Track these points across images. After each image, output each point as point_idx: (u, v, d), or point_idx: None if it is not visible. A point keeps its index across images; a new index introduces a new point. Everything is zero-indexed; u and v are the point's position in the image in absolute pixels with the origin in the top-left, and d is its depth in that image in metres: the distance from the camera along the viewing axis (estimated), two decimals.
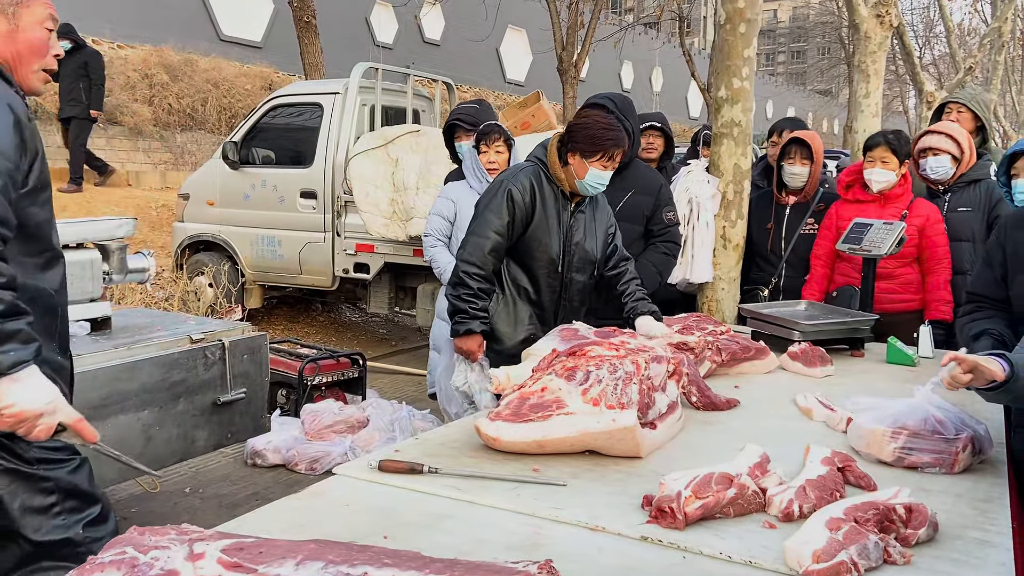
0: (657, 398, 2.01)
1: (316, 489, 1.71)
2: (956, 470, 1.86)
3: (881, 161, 3.54)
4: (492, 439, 1.87)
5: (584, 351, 2.09)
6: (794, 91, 45.53)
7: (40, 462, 1.83)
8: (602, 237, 3.06)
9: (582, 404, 1.87)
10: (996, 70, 16.61)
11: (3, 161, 1.67)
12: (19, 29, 1.81)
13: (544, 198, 2.90)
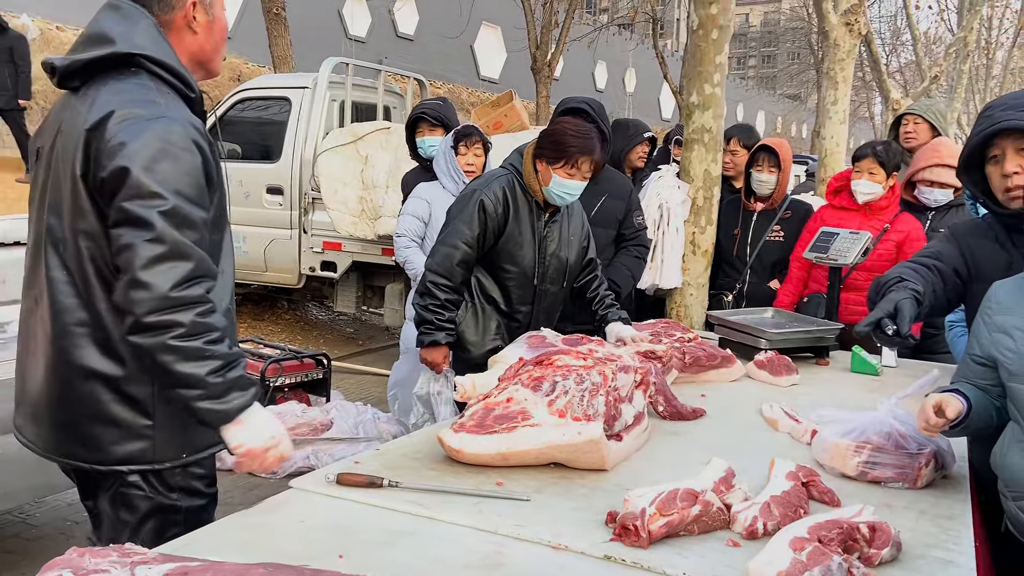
0: (624, 409, 1.98)
1: (271, 504, 1.66)
2: (919, 485, 1.86)
3: (868, 172, 3.55)
4: (455, 451, 1.83)
5: (551, 360, 2.06)
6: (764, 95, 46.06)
7: (180, 490, 1.81)
8: (577, 247, 3.01)
9: (548, 415, 1.84)
10: (961, 79, 16.91)
11: (196, 211, 1.62)
12: (216, 19, 1.80)
13: (517, 208, 2.84)
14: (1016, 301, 1.81)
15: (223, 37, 1.84)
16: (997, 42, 23.75)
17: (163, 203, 1.57)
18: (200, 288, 1.60)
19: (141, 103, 1.62)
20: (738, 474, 1.79)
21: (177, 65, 1.71)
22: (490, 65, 26.86)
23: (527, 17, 12.39)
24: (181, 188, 1.60)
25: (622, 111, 29.49)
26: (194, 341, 1.57)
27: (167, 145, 1.60)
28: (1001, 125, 1.99)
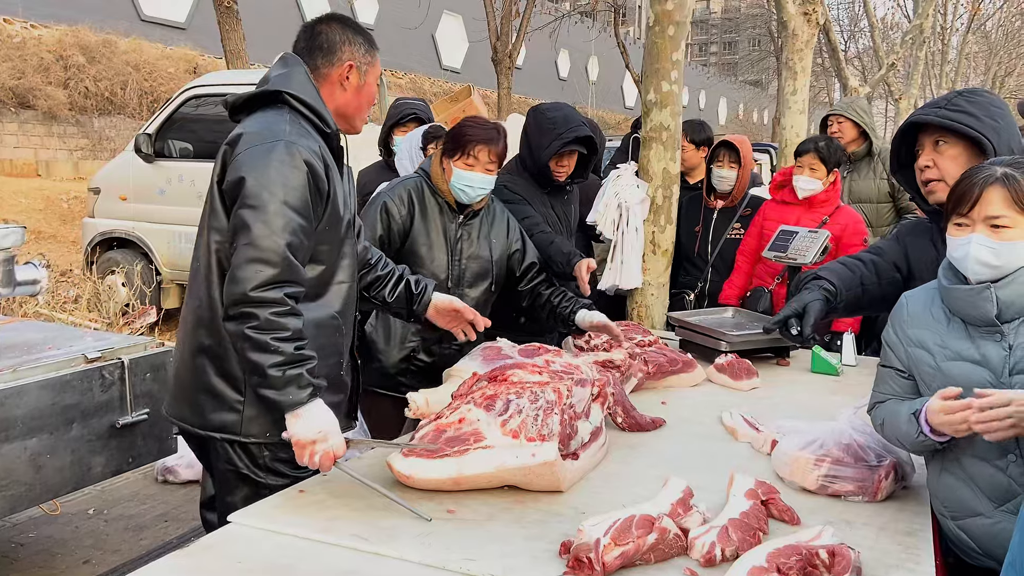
0: (580, 427, 1.93)
1: (207, 542, 1.58)
2: (879, 498, 1.83)
3: (810, 168, 3.56)
4: (405, 477, 1.77)
5: (506, 375, 2.02)
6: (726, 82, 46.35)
7: (269, 472, 2.00)
8: (500, 250, 2.92)
9: (501, 436, 1.78)
10: (917, 65, 17.14)
11: (296, 218, 1.86)
12: (366, 85, 2.09)
13: (426, 210, 2.80)
14: (927, 314, 1.77)
15: (368, 103, 2.13)
16: (952, 28, 24.11)
17: (264, 213, 1.82)
18: (279, 292, 1.82)
19: (270, 128, 1.91)
20: (697, 491, 1.75)
21: (316, 104, 2.00)
22: (452, 55, 26.63)
23: (487, 8, 12.25)
24: (286, 200, 1.84)
25: (585, 100, 29.47)
26: (264, 335, 1.79)
27: (279, 163, 1.86)
28: (913, 118, 2.03)
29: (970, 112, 1.97)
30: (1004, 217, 1.61)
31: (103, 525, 3.45)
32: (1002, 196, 1.61)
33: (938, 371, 1.71)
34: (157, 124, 6.76)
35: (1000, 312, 1.64)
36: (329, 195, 1.97)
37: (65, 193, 11.40)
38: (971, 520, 1.71)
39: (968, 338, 1.68)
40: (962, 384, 1.64)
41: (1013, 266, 1.62)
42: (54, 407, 2.53)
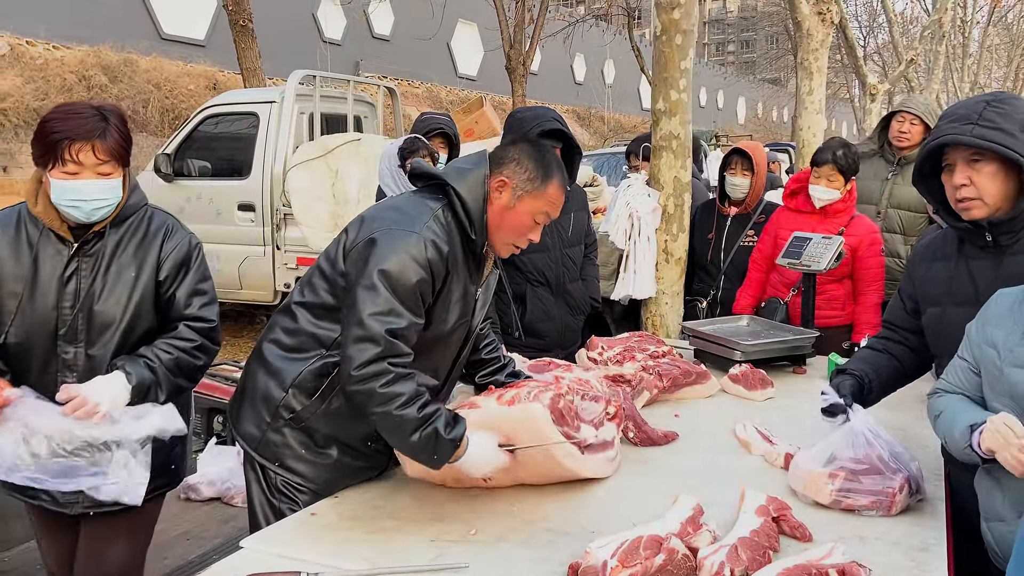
0: (583, 426, 2.01)
1: (218, 569, 1.59)
2: (893, 512, 1.81)
3: (827, 179, 3.49)
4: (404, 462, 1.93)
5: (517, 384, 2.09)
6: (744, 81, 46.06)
7: (280, 493, 2.01)
8: (139, 294, 2.10)
9: (496, 405, 1.94)
10: (937, 59, 16.95)
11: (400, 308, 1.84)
12: (515, 210, 1.99)
13: (18, 246, 2.06)
14: (1009, 314, 1.74)
15: (512, 230, 2.03)
16: (972, 20, 23.81)
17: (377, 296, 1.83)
18: (381, 364, 1.81)
19: (411, 217, 1.92)
20: (708, 508, 1.74)
21: (473, 207, 1.97)
22: (468, 63, 26.72)
23: (499, 16, 12.28)
24: (396, 288, 1.85)
25: (602, 103, 29.44)
26: (385, 408, 1.81)
27: (403, 255, 1.85)
28: (943, 140, 1.95)
29: (1003, 128, 1.89)
30: None
31: None
32: None
33: (1000, 373, 1.71)
34: (176, 144, 6.86)
35: None
36: (436, 301, 1.96)
37: None
38: (995, 524, 1.72)
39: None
40: (1016, 391, 1.65)
41: None
42: None
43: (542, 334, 3.38)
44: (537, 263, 3.34)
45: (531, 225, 2.03)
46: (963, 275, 1.73)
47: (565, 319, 3.42)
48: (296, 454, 1.99)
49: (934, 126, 2.13)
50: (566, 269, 3.40)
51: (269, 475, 2.02)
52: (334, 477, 2.01)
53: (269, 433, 2.00)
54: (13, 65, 13.99)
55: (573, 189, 3.52)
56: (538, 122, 3.22)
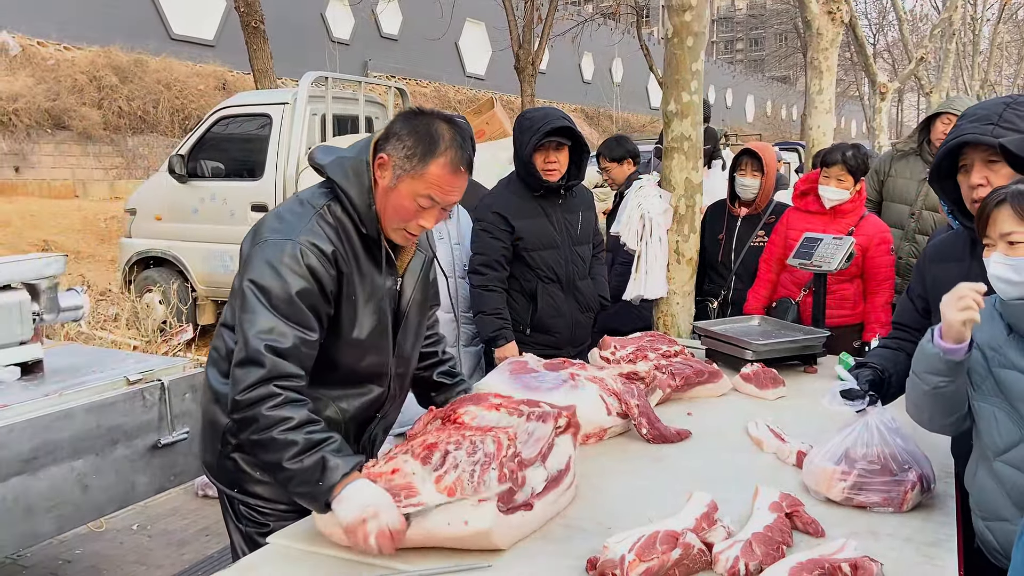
0: (530, 475, 1.75)
1: (249, 562, 1.64)
2: (905, 508, 1.84)
3: (837, 179, 3.52)
4: (328, 533, 1.66)
5: (458, 414, 1.87)
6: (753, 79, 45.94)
7: (246, 519, 1.99)
8: None
9: (435, 493, 1.61)
10: (948, 58, 16.89)
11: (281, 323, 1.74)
12: (395, 191, 1.83)
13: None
14: (989, 319, 1.80)
15: (395, 213, 1.85)
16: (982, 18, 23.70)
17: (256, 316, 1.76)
18: (268, 387, 1.71)
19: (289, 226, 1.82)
20: (722, 504, 1.77)
21: (357, 195, 1.83)
22: (476, 62, 26.77)
23: (508, 16, 12.32)
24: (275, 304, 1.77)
25: (610, 102, 29.44)
26: (267, 433, 1.70)
27: (279, 267, 1.76)
28: (965, 138, 1.98)
29: (1022, 130, 1.92)
30: (1016, 233, 1.65)
31: (147, 540, 3.56)
32: (1009, 214, 1.66)
33: (988, 374, 1.76)
34: (189, 145, 6.93)
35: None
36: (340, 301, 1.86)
37: (102, 213, 11.68)
38: (996, 523, 1.76)
39: (1023, 350, 1.71)
40: (1008, 391, 1.71)
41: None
42: (99, 428, 2.63)
43: (553, 330, 3.43)
44: (548, 260, 3.39)
45: (415, 209, 1.84)
46: (976, 277, 1.77)
47: (575, 316, 3.47)
48: (252, 477, 1.93)
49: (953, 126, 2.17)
50: (575, 266, 3.45)
51: (232, 502, 1.99)
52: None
53: (222, 460, 1.95)
54: (24, 66, 14.13)
55: (580, 189, 3.57)
56: (547, 120, 3.29)
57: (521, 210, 3.37)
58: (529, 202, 3.39)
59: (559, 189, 3.38)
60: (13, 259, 2.78)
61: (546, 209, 3.40)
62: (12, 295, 2.71)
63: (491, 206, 3.42)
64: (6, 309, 2.67)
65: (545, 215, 3.40)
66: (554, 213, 3.42)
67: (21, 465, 2.45)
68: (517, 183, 3.44)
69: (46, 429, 2.51)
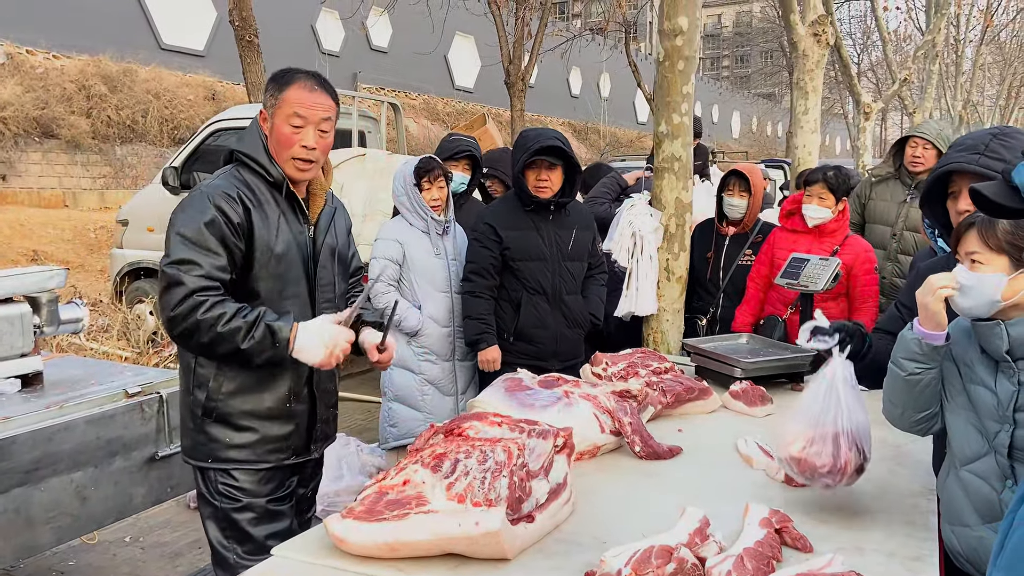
0: (535, 487, 1.82)
1: (253, 574, 1.68)
2: (843, 482, 1.91)
3: (819, 198, 3.63)
4: (339, 540, 1.67)
5: (463, 429, 1.93)
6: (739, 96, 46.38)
7: (221, 496, 2.22)
8: None
9: (446, 501, 1.67)
10: (931, 79, 17.16)
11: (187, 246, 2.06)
12: (275, 128, 2.20)
13: None
14: (965, 336, 1.90)
15: (280, 145, 2.19)
16: (965, 39, 24.10)
17: (168, 249, 2.07)
18: (192, 298, 2.01)
19: (201, 187, 2.17)
20: (713, 520, 1.82)
21: (258, 155, 2.20)
22: (465, 75, 26.92)
23: (499, 32, 12.43)
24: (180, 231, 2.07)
25: (598, 117, 29.63)
26: (211, 332, 2.01)
27: (185, 210, 2.11)
28: (951, 167, 2.08)
29: (1006, 159, 2.03)
30: (977, 254, 1.78)
31: (139, 552, 3.58)
32: (975, 236, 1.79)
33: (963, 389, 1.86)
34: (183, 157, 6.95)
35: (1012, 349, 1.75)
36: (252, 234, 2.14)
37: (92, 223, 11.64)
38: (960, 528, 1.85)
39: (993, 370, 1.81)
40: (977, 407, 1.81)
41: (984, 296, 1.75)
42: (98, 441, 2.66)
43: (536, 341, 3.50)
44: (534, 271, 3.48)
45: (291, 132, 2.17)
46: None
47: (561, 329, 3.54)
48: (224, 444, 2.19)
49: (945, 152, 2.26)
50: (563, 280, 3.52)
51: (209, 479, 2.22)
52: (265, 451, 2.22)
53: (196, 436, 2.21)
54: (13, 74, 14.09)
55: (577, 207, 3.65)
56: (538, 140, 3.43)
57: (511, 222, 3.48)
58: (520, 216, 3.50)
59: (549, 205, 3.48)
60: (15, 272, 2.82)
61: (537, 223, 3.51)
62: (14, 308, 2.74)
63: (485, 218, 3.57)
64: (8, 321, 2.71)
65: (535, 229, 3.50)
66: (545, 228, 3.51)
67: (22, 476, 2.47)
68: (512, 198, 3.56)
69: (47, 441, 2.54)
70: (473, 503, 1.67)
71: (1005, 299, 1.75)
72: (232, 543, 2.23)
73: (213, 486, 2.21)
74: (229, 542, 2.24)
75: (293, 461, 2.31)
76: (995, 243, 1.75)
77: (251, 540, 2.23)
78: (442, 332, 3.60)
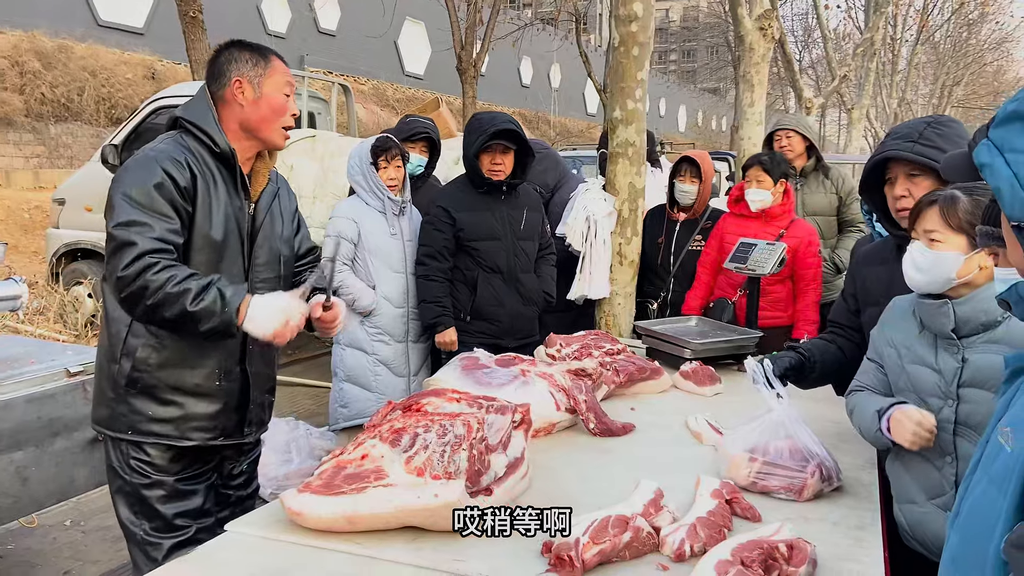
0: (493, 460, 1.84)
1: (206, 550, 1.66)
2: (805, 496, 1.95)
3: (756, 181, 3.72)
4: (295, 514, 1.66)
5: (420, 404, 1.92)
6: (685, 90, 46.99)
7: (133, 471, 2.16)
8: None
9: (405, 475, 1.68)
10: (869, 76, 17.64)
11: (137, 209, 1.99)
12: (263, 96, 2.16)
13: None
14: (905, 318, 1.98)
15: (275, 113, 2.18)
16: (902, 39, 24.83)
17: (115, 211, 1.99)
18: (144, 259, 1.95)
19: (147, 149, 2.10)
20: (666, 492, 1.86)
21: (207, 126, 2.13)
22: (415, 61, 26.65)
23: (451, 17, 12.36)
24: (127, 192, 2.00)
25: (548, 107, 29.70)
26: (160, 293, 1.94)
27: (132, 172, 2.04)
28: (888, 154, 2.16)
29: (940, 147, 2.11)
30: (936, 232, 1.83)
31: (80, 536, 3.48)
32: (935, 214, 1.84)
33: (902, 370, 1.92)
34: (124, 135, 6.74)
35: (958, 327, 1.82)
36: (195, 204, 2.09)
37: (26, 203, 11.21)
38: (907, 505, 1.93)
39: (933, 347, 1.88)
40: (917, 386, 1.87)
41: (942, 274, 1.81)
42: (39, 420, 2.58)
43: (493, 319, 3.54)
44: (490, 251, 3.52)
45: (285, 100, 2.20)
46: (900, 278, 1.93)
47: (517, 307, 3.57)
48: (146, 416, 2.13)
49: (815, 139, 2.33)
50: (518, 259, 3.57)
51: (121, 452, 2.16)
52: (189, 427, 2.17)
53: (118, 406, 2.14)
54: None
55: (528, 190, 3.68)
56: (494, 123, 3.46)
57: (464, 204, 3.50)
58: (473, 197, 3.53)
59: (502, 186, 3.52)
60: None
61: (490, 204, 3.54)
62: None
63: (436, 200, 3.58)
64: None
65: (488, 210, 3.53)
66: (497, 208, 3.54)
67: None
68: (464, 180, 3.58)
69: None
70: (432, 476, 1.68)
71: (960, 277, 1.81)
72: (141, 519, 2.17)
73: (124, 460, 2.16)
74: (138, 518, 2.18)
75: (221, 442, 2.24)
76: (955, 222, 1.80)
77: (160, 517, 2.17)
78: (396, 313, 3.58)
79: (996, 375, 1.76)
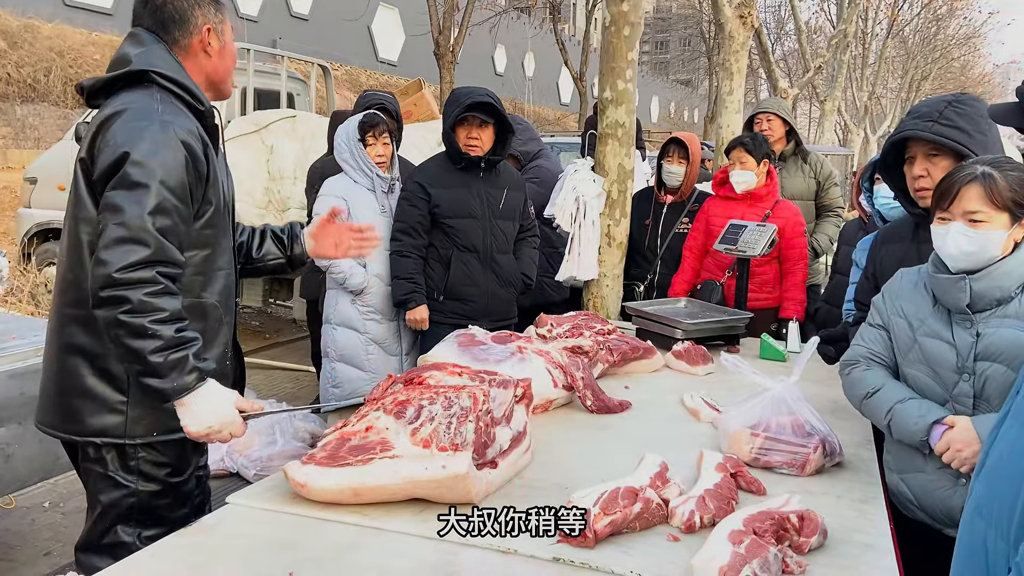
0: (498, 433, 1.82)
1: (207, 522, 1.62)
2: (807, 472, 1.95)
3: (739, 162, 3.73)
4: (300, 485, 1.62)
5: (423, 378, 1.89)
6: (658, 81, 47.16)
7: (138, 473, 1.91)
8: None
9: (411, 446, 1.65)
10: (841, 68, 17.82)
11: (171, 199, 1.75)
12: (226, 45, 1.97)
13: None
14: (916, 291, 1.98)
15: (233, 62, 2.02)
16: (872, 33, 25.11)
17: (136, 193, 1.71)
18: (151, 271, 1.70)
19: (143, 109, 1.79)
20: (671, 467, 1.86)
21: (185, 80, 1.88)
22: (389, 47, 26.41)
23: (429, 1, 12.24)
24: (163, 180, 1.74)
25: (522, 95, 29.62)
26: (139, 318, 1.68)
27: (153, 143, 1.74)
28: (906, 133, 2.15)
29: (960, 127, 2.10)
30: (980, 212, 1.79)
31: (60, 518, 3.40)
32: (978, 193, 1.79)
33: (914, 343, 1.92)
34: None
35: (972, 302, 1.82)
36: (208, 177, 1.87)
37: None
38: (912, 475, 1.93)
39: (947, 321, 1.88)
40: (931, 359, 1.87)
41: (988, 253, 1.79)
42: (22, 396, 2.51)
43: (467, 299, 3.47)
44: (465, 229, 3.45)
45: (234, 47, 2.04)
46: (914, 256, 1.94)
47: (492, 288, 3.52)
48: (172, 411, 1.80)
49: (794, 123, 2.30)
50: (495, 239, 3.51)
51: (129, 457, 1.88)
52: None
53: (131, 410, 1.85)
54: None
55: (509, 169, 3.64)
56: (471, 96, 3.40)
57: (441, 180, 3.44)
58: (451, 173, 3.47)
59: (480, 163, 3.45)
60: None
61: (467, 181, 3.47)
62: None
63: (413, 176, 3.54)
64: None
65: (465, 187, 3.46)
66: (475, 186, 3.48)
67: None
68: (443, 157, 3.53)
69: None
70: (439, 447, 1.66)
71: (1003, 253, 1.80)
72: (136, 527, 1.91)
73: (134, 467, 1.88)
74: (132, 527, 1.90)
75: None
76: (1000, 200, 1.77)
77: (166, 522, 1.90)
78: (387, 291, 3.54)
79: (1009, 348, 1.77)
